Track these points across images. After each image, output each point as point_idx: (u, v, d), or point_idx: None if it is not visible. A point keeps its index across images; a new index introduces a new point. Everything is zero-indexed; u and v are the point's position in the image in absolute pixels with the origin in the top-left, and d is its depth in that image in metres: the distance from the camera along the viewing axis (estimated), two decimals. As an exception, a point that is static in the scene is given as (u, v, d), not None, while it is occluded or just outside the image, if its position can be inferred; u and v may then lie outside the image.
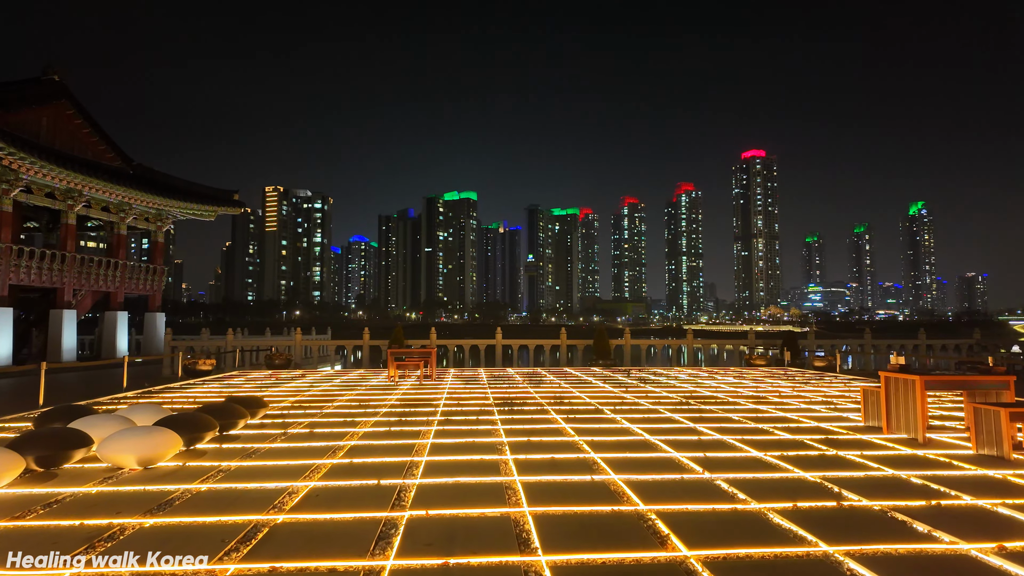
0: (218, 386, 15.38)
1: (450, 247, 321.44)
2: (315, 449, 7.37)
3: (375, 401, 12.02)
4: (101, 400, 12.37)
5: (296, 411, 10.69)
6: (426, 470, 6.30)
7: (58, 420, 7.71)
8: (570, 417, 9.87)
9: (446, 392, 13.54)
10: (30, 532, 4.38)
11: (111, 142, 28.46)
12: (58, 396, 12.81)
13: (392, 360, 16.86)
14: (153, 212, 30.38)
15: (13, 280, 23.12)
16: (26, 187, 23.39)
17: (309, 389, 14.41)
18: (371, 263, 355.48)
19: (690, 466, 6.56)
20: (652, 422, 9.46)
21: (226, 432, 8.20)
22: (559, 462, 6.72)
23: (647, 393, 13.40)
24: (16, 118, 23.04)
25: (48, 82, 25.24)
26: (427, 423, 9.27)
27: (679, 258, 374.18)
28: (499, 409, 10.77)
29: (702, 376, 17.99)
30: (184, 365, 19.43)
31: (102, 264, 27.63)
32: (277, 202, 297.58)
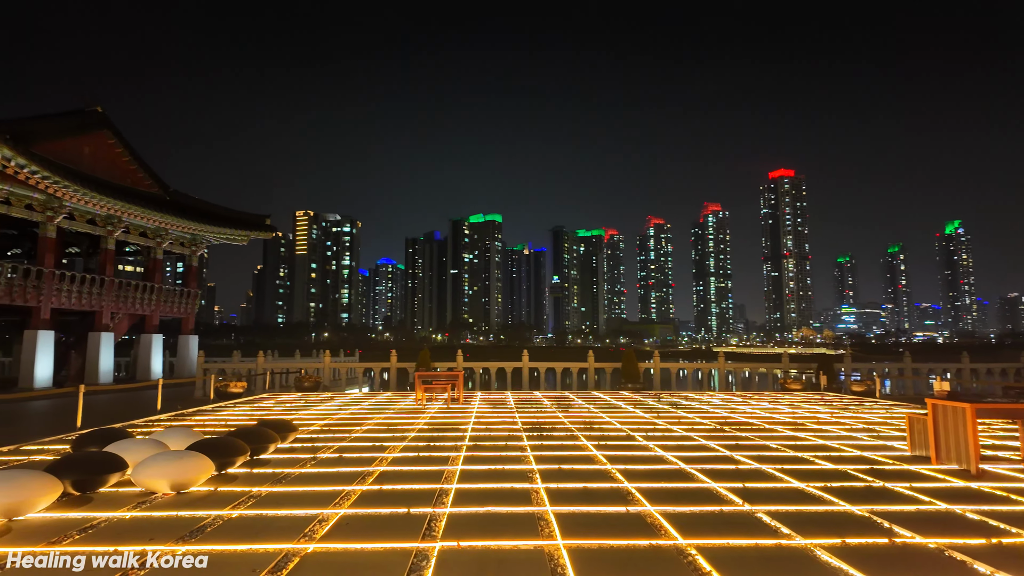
0: (249, 408, 15.52)
1: (475, 269, 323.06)
2: (344, 475, 7.32)
3: (403, 425, 11.96)
4: (136, 422, 12.57)
5: (325, 435, 10.69)
6: (456, 498, 6.19)
7: (94, 443, 7.83)
8: (601, 444, 9.65)
9: (474, 416, 13.42)
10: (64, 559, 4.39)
11: (149, 169, 29.46)
12: (95, 418, 13.06)
13: (419, 383, 16.83)
14: (188, 237, 31.24)
15: (55, 304, 23.88)
16: (69, 214, 24.29)
17: (338, 412, 14.44)
18: (398, 285, 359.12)
19: (729, 497, 6.32)
20: (687, 450, 9.20)
21: (257, 456, 8.22)
22: (592, 492, 6.54)
23: (680, 419, 13.09)
24: (60, 147, 24.04)
25: (90, 113, 26.33)
26: (455, 448, 9.16)
27: (707, 279, 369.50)
28: (528, 435, 10.61)
29: (736, 401, 17.54)
30: (216, 387, 19.71)
31: (139, 288, 28.41)
32: (307, 226, 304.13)
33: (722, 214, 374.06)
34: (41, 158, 20.87)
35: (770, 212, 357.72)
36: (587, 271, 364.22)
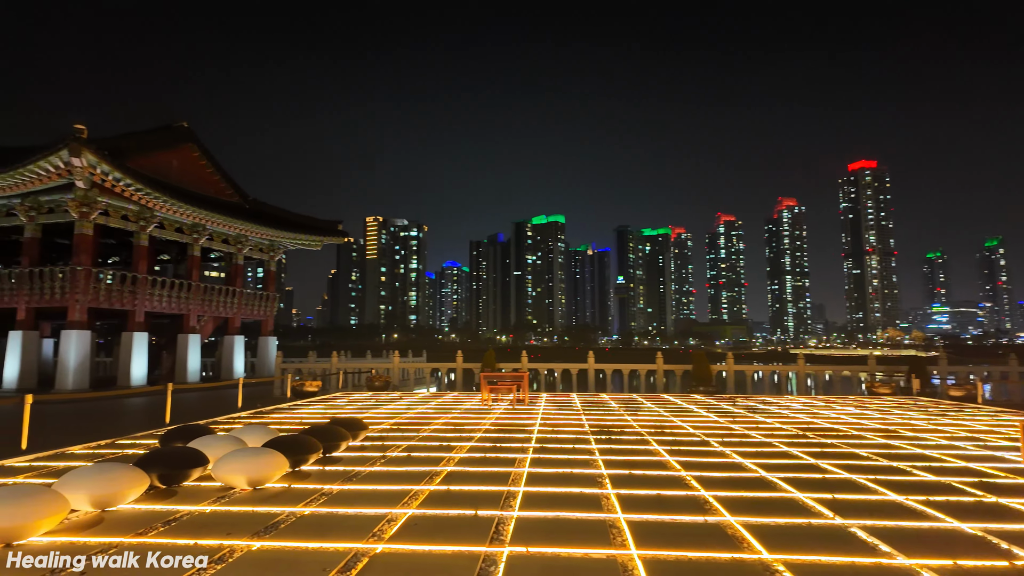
0: (323, 407, 16.02)
1: (538, 270, 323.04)
2: (413, 474, 7.33)
3: (469, 425, 11.96)
4: (218, 419, 13.22)
5: (395, 433, 10.83)
6: (524, 502, 6.05)
7: (180, 439, 8.23)
8: (674, 449, 9.26)
9: (539, 418, 13.26)
10: (149, 550, 4.57)
11: (230, 179, 31.14)
12: (182, 415, 13.84)
13: (485, 384, 16.85)
14: (267, 243, 32.80)
15: (148, 307, 25.63)
16: (159, 223, 26.02)
17: (407, 411, 14.65)
18: (463, 287, 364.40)
19: (817, 509, 5.86)
20: (767, 456, 8.66)
21: (329, 454, 8.40)
22: (666, 499, 6.23)
23: (757, 424, 12.42)
24: (151, 161, 25.79)
25: (177, 128, 28.11)
26: (522, 450, 9.03)
27: (782, 277, 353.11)
28: (596, 438, 10.34)
29: (818, 405, 16.51)
30: (293, 386, 20.51)
31: (222, 292, 30.06)
32: (377, 231, 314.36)
33: (797, 209, 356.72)
34: (135, 172, 22.45)
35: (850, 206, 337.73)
36: (653, 271, 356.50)
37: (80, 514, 5.42)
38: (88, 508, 5.43)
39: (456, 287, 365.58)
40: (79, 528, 5.06)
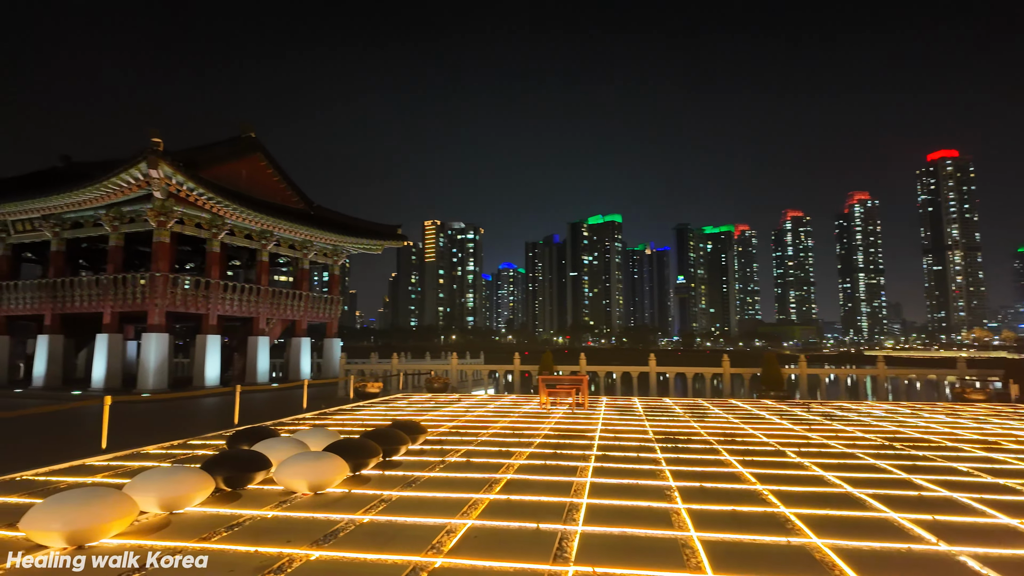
0: (384, 408, 16.19)
1: (595, 271, 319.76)
2: (472, 481, 7.16)
3: (528, 430, 11.73)
4: (284, 420, 13.54)
5: (453, 437, 10.72)
6: (588, 515, 5.74)
7: (246, 440, 8.38)
8: (747, 460, 8.69)
9: (600, 423, 12.87)
10: (211, 556, 4.56)
11: (295, 187, 32.22)
12: (250, 415, 14.28)
13: (543, 387, 16.57)
14: (330, 248, 33.74)
15: (220, 311, 26.80)
16: (230, 230, 27.16)
17: (465, 414, 14.58)
18: (519, 289, 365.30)
19: (916, 532, 5.27)
20: (851, 469, 7.99)
21: (389, 458, 8.35)
22: (742, 516, 5.77)
23: (837, 432, 11.58)
24: (222, 171, 26.97)
25: (245, 139, 29.31)
26: (583, 458, 8.70)
27: (855, 275, 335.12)
28: (661, 446, 9.87)
29: (903, 412, 15.32)
30: (355, 387, 20.91)
31: (289, 295, 31.11)
32: (435, 234, 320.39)
33: (870, 203, 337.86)
34: (207, 181, 23.51)
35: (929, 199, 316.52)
36: (716, 270, 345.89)
37: (149, 516, 5.52)
38: (156, 510, 5.53)
39: (512, 288, 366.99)
40: (147, 531, 5.14)
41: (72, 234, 26.30)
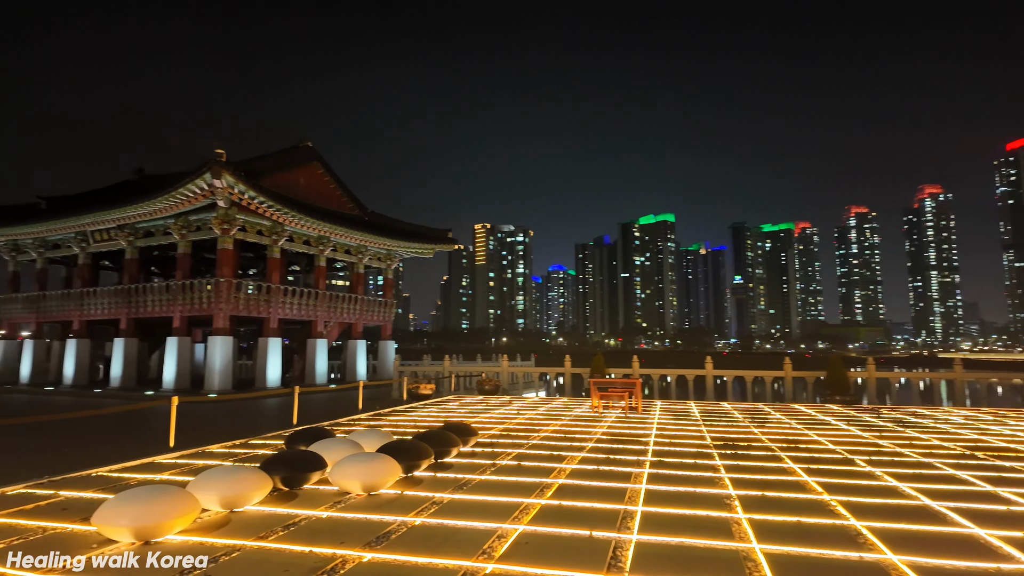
0: (436, 410, 16.34)
1: (647, 271, 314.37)
2: (523, 485, 7.07)
3: (580, 434, 11.55)
4: (340, 421, 13.85)
5: (504, 440, 10.68)
6: (643, 523, 5.55)
7: (303, 441, 8.59)
8: (812, 468, 8.25)
9: (655, 428, 12.55)
10: (267, 556, 4.65)
11: (350, 193, 33.08)
12: (308, 416, 14.68)
13: (595, 390, 16.33)
14: (384, 252, 34.47)
15: (280, 314, 27.77)
16: (289, 237, 28.13)
17: (516, 416, 14.52)
18: (569, 291, 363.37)
19: (1005, 550, 4.84)
20: (928, 480, 7.45)
21: (441, 460, 8.38)
22: (809, 528, 5.45)
23: (911, 440, 10.87)
24: (281, 180, 27.97)
25: (303, 148, 30.32)
26: (638, 464, 8.47)
27: (926, 273, 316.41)
28: (720, 452, 9.51)
29: (985, 419, 14.25)
30: (408, 389, 21.22)
31: (345, 299, 31.95)
32: (485, 237, 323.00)
33: (943, 197, 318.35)
34: (267, 190, 24.42)
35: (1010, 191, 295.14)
36: (775, 269, 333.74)
37: (211, 514, 5.70)
38: (218, 508, 5.70)
39: (562, 290, 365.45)
40: (208, 528, 5.30)
41: (144, 243, 27.86)
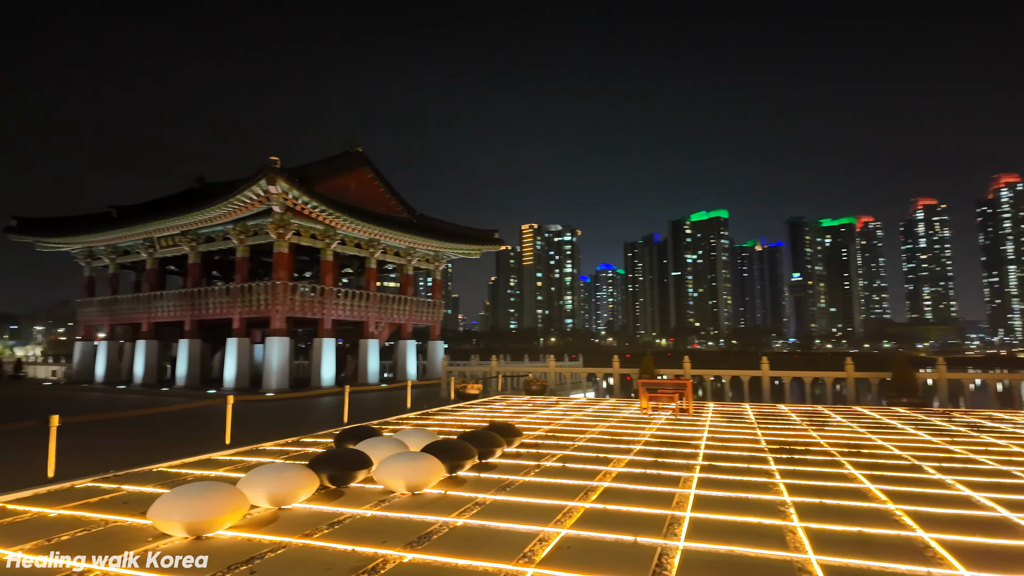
0: (482, 410, 16.39)
1: (700, 270, 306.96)
2: (567, 488, 6.96)
3: (627, 435, 11.32)
4: (389, 420, 14.07)
5: (550, 441, 10.58)
6: (691, 530, 5.35)
7: (351, 439, 8.74)
8: (875, 475, 7.79)
9: (706, 430, 12.17)
10: (311, 554, 4.72)
11: (399, 197, 33.69)
12: (359, 415, 14.98)
13: (644, 391, 15.99)
14: (432, 254, 34.95)
15: (334, 315, 28.55)
16: (341, 240, 28.89)
17: (562, 417, 14.39)
18: (618, 290, 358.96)
19: (1100, 572, 4.39)
20: (1007, 490, 6.90)
21: (485, 460, 8.36)
22: (871, 539, 5.13)
23: (987, 446, 10.13)
24: (333, 185, 28.75)
25: (354, 154, 31.08)
26: (687, 468, 8.22)
27: (1003, 268, 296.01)
28: (775, 456, 9.12)
29: (1072, 425, 13.15)
30: (456, 389, 21.40)
31: (395, 300, 32.57)
32: (532, 238, 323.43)
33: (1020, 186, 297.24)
34: (319, 195, 25.16)
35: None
36: (835, 266, 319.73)
37: (260, 511, 5.85)
38: (266, 505, 5.85)
39: (611, 290, 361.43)
40: (257, 525, 5.44)
41: (206, 248, 29.16)
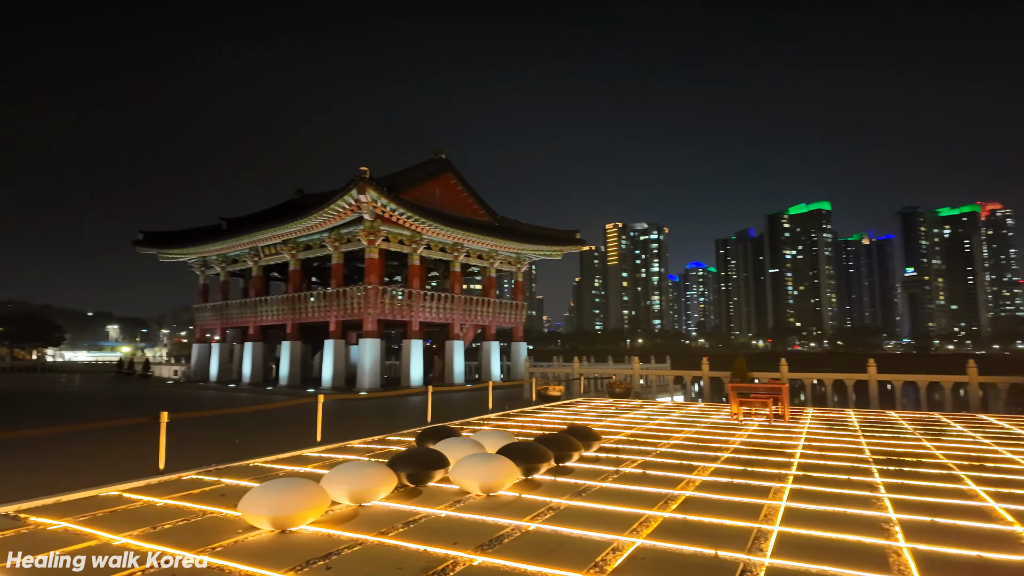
0: (563, 412, 16.27)
1: (799, 266, 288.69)
2: (646, 496, 6.72)
3: (715, 442, 10.80)
4: (471, 420, 14.29)
5: (631, 446, 10.30)
6: (779, 546, 4.99)
7: (431, 439, 8.94)
8: (1001, 492, 6.92)
9: (803, 438, 11.37)
10: (385, 552, 4.84)
11: (481, 200, 34.26)
12: (441, 414, 15.33)
13: (734, 395, 15.20)
14: (514, 256, 35.23)
15: (421, 318, 29.46)
16: (427, 244, 29.78)
17: (646, 421, 13.99)
18: (709, 289, 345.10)
19: None
20: None
21: (561, 464, 8.26)
22: (992, 566, 4.55)
23: None
24: (420, 191, 29.70)
25: (438, 160, 31.95)
26: (779, 478, 7.70)
27: None
28: (881, 469, 8.35)
29: None
30: (538, 390, 21.40)
31: (479, 302, 33.11)
32: (617, 237, 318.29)
33: None
34: (406, 202, 26.06)
35: None
36: (957, 259, 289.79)
37: (341, 507, 6.10)
38: (347, 502, 6.08)
39: (702, 289, 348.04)
40: (337, 521, 5.66)
41: (305, 255, 31.06)
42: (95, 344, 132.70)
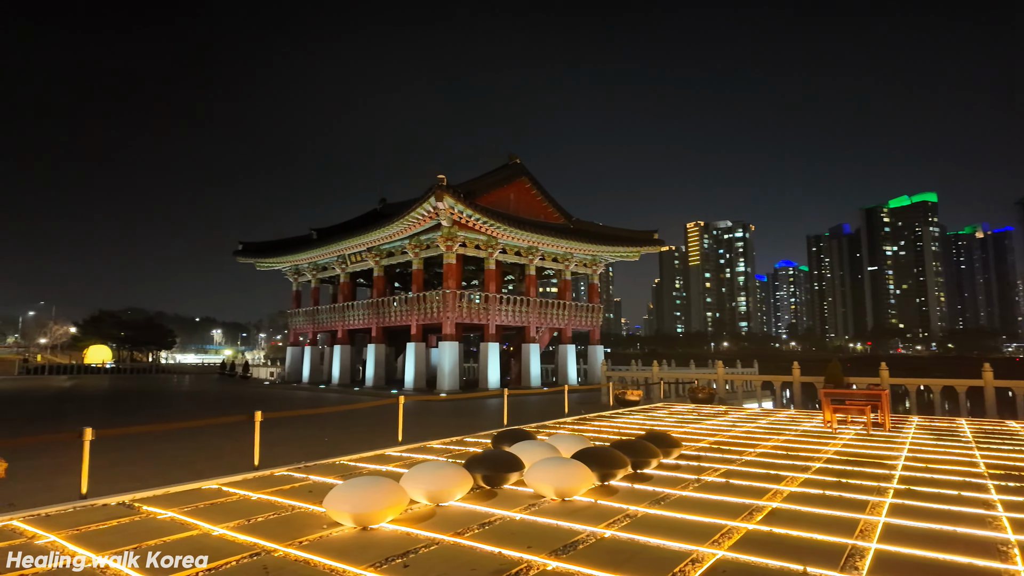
0: (642, 417, 15.92)
1: (901, 263, 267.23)
2: (729, 506, 6.45)
3: (805, 452, 10.19)
4: (547, 424, 14.28)
5: (713, 453, 9.92)
6: (876, 565, 4.63)
7: (507, 441, 9.02)
8: None
9: (906, 449, 10.50)
10: (460, 552, 4.93)
11: (555, 203, 34.25)
12: (517, 417, 15.43)
13: (827, 402, 14.28)
14: (589, 258, 34.96)
15: (497, 321, 29.84)
16: (502, 249, 30.14)
17: (731, 428, 13.43)
18: (801, 289, 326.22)
19: None
20: None
21: (639, 471, 8.09)
22: None
23: None
24: (494, 197, 30.12)
25: (513, 165, 32.29)
26: (877, 491, 7.15)
27: None
28: (997, 484, 7.57)
29: None
30: (615, 395, 21.06)
31: (554, 305, 33.11)
32: (698, 236, 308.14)
33: None
34: (481, 207, 26.51)
35: None
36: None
37: (419, 506, 6.27)
38: (425, 502, 6.25)
39: (793, 289, 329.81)
40: (415, 520, 5.83)
41: (388, 262, 32.29)
42: (201, 347, 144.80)
